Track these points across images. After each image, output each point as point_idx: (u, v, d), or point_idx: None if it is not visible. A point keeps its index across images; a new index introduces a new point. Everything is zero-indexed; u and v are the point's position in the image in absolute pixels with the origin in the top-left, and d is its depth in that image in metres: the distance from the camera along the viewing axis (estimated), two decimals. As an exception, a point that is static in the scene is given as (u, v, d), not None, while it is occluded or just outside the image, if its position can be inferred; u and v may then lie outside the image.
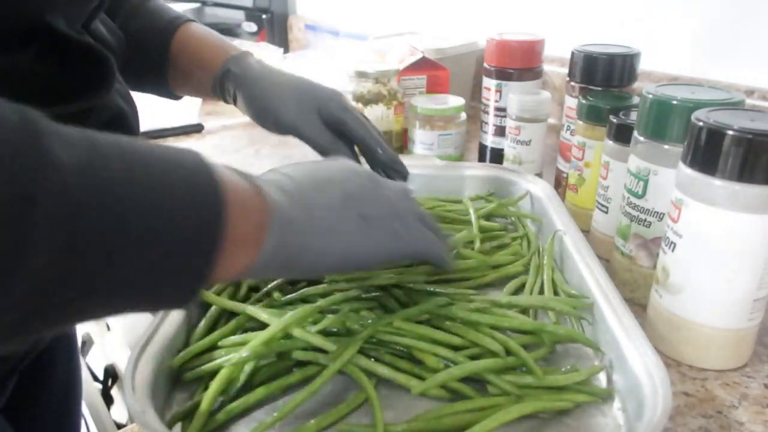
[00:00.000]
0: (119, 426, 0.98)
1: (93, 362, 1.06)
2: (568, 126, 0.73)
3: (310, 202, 0.38)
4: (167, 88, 0.64)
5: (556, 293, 0.54)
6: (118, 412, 1.01)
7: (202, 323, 0.48)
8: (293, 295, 0.50)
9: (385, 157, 0.59)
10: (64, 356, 0.64)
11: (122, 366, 1.01)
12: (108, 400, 1.00)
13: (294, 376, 0.43)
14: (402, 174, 0.59)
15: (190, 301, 0.31)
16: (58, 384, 0.62)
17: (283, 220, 0.36)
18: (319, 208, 0.38)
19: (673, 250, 0.48)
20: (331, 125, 0.59)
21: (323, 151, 0.58)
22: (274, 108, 0.59)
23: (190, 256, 0.30)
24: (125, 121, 0.46)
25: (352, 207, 0.40)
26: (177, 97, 0.67)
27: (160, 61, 0.62)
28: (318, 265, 0.39)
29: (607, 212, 0.62)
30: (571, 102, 0.72)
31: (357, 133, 0.59)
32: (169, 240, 0.29)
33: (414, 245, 0.44)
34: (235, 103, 0.62)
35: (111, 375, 1.01)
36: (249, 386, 0.42)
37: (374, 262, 0.42)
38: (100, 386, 1.01)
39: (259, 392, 0.41)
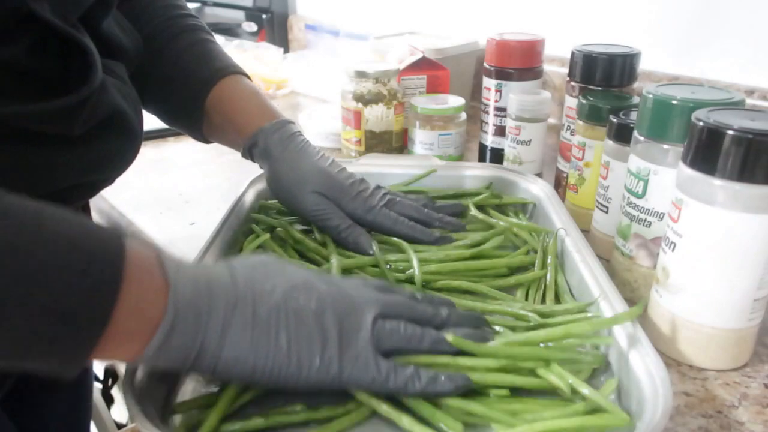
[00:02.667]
0: (119, 426, 0.98)
1: (93, 362, 1.06)
2: (568, 126, 0.73)
3: (230, 307, 0.36)
4: (201, 135, 0.64)
5: (557, 296, 0.54)
6: (118, 412, 1.01)
7: None
8: None
9: (427, 239, 0.60)
10: None
11: (122, 366, 1.01)
12: (108, 400, 1.00)
13: (299, 415, 0.41)
14: (455, 225, 0.63)
15: (73, 371, 0.31)
16: (65, 384, 0.62)
17: (182, 316, 0.34)
18: (238, 316, 0.36)
19: (673, 250, 0.48)
20: (354, 220, 0.60)
21: (340, 235, 0.59)
22: (293, 194, 0.60)
23: (78, 324, 0.30)
24: (123, 119, 0.46)
25: (276, 324, 0.37)
26: (210, 143, 0.66)
27: (195, 110, 0.61)
28: (219, 372, 0.36)
29: (607, 212, 0.62)
30: (571, 102, 0.72)
31: (389, 230, 0.60)
32: (58, 302, 0.29)
33: (355, 380, 0.39)
34: None
35: (111, 375, 1.01)
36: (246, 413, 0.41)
37: (297, 385, 0.38)
38: (100, 386, 1.01)
39: (256, 422, 0.40)
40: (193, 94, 0.61)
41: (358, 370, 0.38)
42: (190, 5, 0.67)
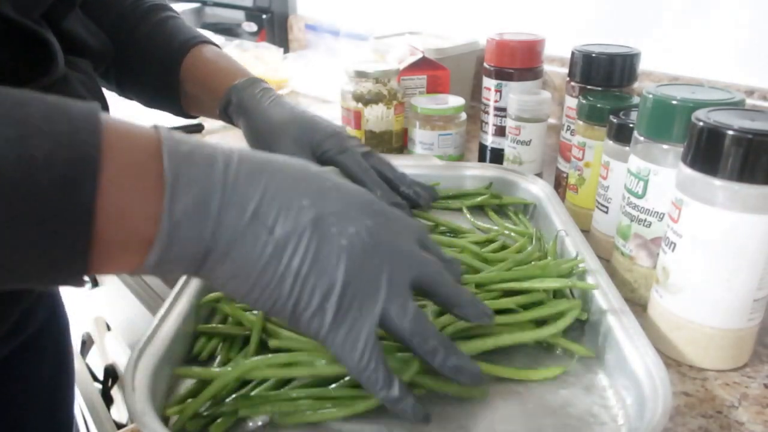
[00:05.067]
0: (119, 426, 0.98)
1: (93, 362, 1.06)
2: (568, 126, 0.73)
3: (260, 209, 0.32)
4: (180, 109, 0.65)
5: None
6: (118, 412, 1.01)
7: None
8: None
9: (386, 199, 0.59)
10: (53, 354, 0.63)
11: (122, 366, 1.01)
12: (108, 400, 1.00)
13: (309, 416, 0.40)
14: (422, 196, 0.61)
15: (78, 269, 0.28)
16: (43, 382, 0.61)
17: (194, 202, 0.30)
18: (261, 223, 0.32)
19: (673, 250, 0.48)
20: (326, 165, 0.60)
21: None
22: (269, 144, 0.60)
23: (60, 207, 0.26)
24: None
25: (292, 252, 0.33)
26: (191, 117, 0.67)
27: (171, 83, 0.62)
28: (219, 282, 0.33)
29: (607, 212, 0.62)
30: (571, 102, 0.72)
31: (355, 177, 0.60)
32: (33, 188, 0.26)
33: (338, 348, 0.35)
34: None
35: (111, 375, 1.02)
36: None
37: (289, 321, 0.35)
38: (100, 386, 1.01)
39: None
40: (166, 69, 0.62)
41: (345, 343, 0.35)
42: (191, 5, 0.69)
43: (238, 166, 0.32)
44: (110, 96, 0.55)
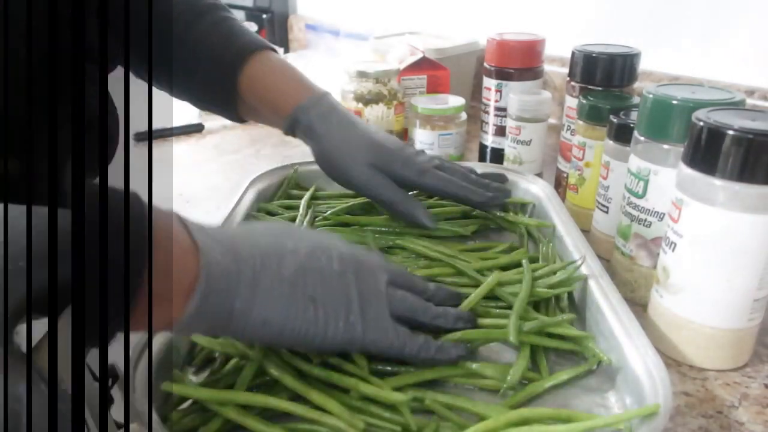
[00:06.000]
0: (119, 426, 0.97)
1: (93, 362, 1.05)
2: (569, 126, 0.73)
3: (257, 267, 0.37)
4: (235, 115, 0.63)
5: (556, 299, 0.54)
6: (118, 412, 1.01)
7: None
8: None
9: (479, 198, 0.61)
10: None
11: (122, 366, 1.01)
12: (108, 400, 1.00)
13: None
14: (503, 191, 0.64)
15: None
16: None
17: (215, 279, 0.34)
18: (265, 277, 0.37)
19: (673, 250, 0.48)
20: (406, 188, 0.60)
21: (397, 209, 0.60)
22: (345, 170, 0.59)
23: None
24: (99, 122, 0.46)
25: (303, 284, 0.38)
26: (244, 122, 0.66)
27: (227, 89, 0.60)
28: (248, 334, 0.37)
29: (607, 212, 0.62)
30: (572, 102, 0.72)
31: (442, 191, 0.61)
32: None
33: (375, 344, 0.40)
34: None
35: (111, 375, 1.01)
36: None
37: (322, 347, 0.39)
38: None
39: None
40: (223, 77, 0.60)
41: (378, 333, 0.40)
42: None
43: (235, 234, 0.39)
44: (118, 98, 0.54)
